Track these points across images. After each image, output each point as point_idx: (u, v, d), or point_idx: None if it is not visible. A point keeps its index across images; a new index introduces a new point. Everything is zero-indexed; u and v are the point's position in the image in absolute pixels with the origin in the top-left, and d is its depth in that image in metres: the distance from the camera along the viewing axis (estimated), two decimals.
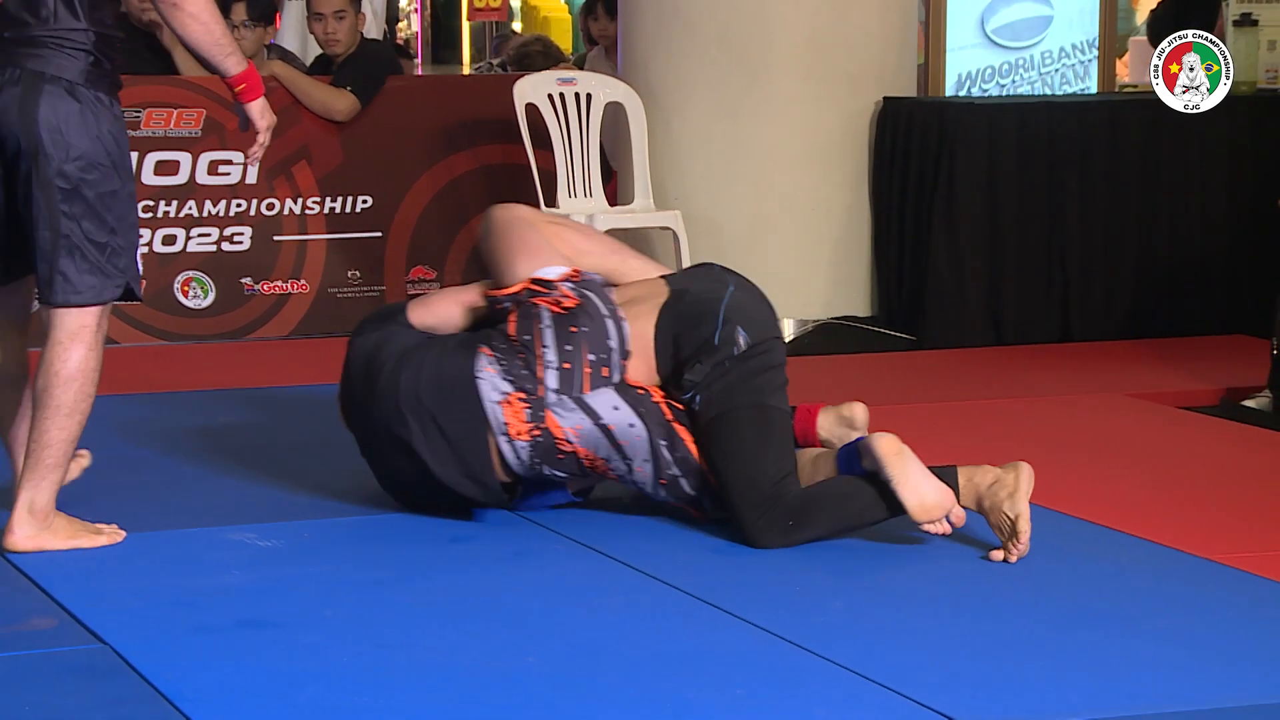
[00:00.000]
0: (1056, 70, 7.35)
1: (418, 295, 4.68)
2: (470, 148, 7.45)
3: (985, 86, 7.13)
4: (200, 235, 7.08)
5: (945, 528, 4.03)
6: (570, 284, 4.26)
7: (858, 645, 3.43)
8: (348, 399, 4.37)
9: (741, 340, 4.13)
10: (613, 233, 7.01)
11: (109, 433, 5.25)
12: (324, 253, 7.25)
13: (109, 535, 4.13)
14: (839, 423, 4.41)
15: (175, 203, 7.05)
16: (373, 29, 8.84)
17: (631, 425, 4.17)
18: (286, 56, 7.69)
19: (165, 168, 7.03)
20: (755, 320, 4.19)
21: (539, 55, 9.08)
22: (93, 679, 3.28)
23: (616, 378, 4.18)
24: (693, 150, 7.10)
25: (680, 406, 4.18)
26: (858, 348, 6.78)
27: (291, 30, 8.60)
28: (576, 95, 7.06)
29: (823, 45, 7.02)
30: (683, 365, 4.17)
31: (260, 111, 4.27)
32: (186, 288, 7.07)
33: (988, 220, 6.90)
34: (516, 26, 21.82)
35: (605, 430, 4.15)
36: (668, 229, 6.92)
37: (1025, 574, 3.91)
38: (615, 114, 7.17)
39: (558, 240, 4.40)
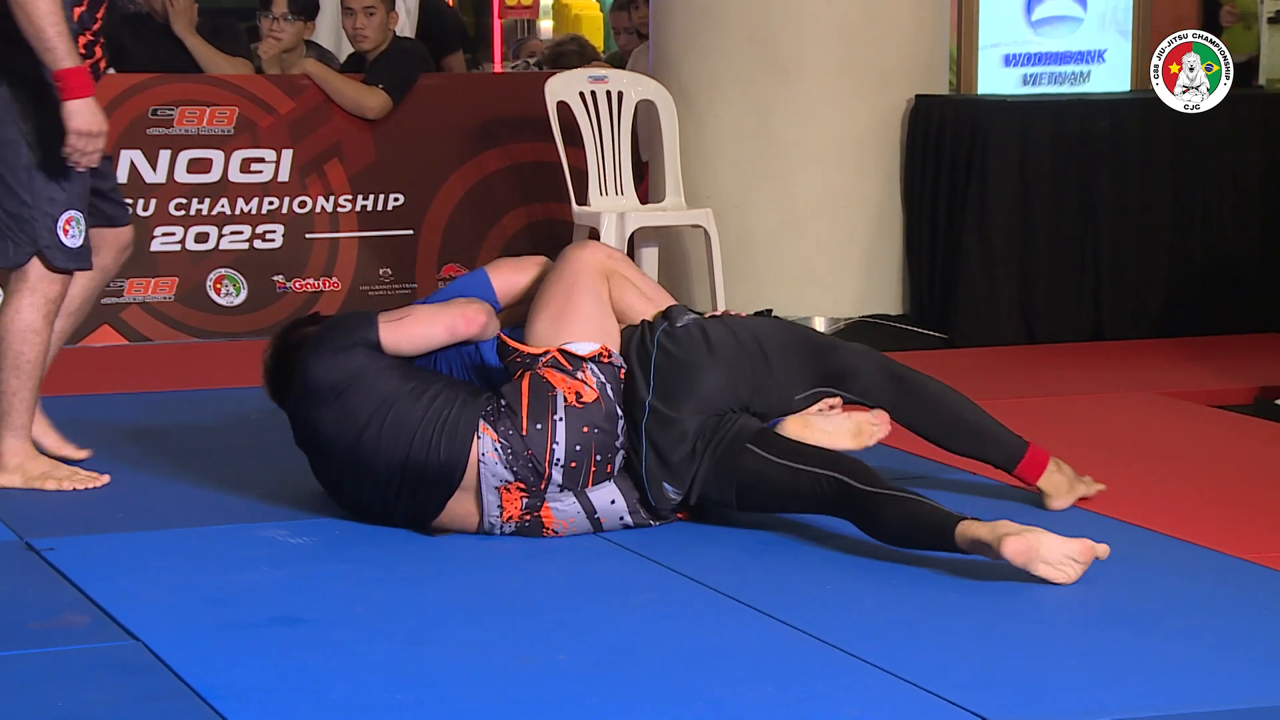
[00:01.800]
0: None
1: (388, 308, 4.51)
2: (502, 145, 7.45)
3: (1033, 70, 7.15)
4: (232, 233, 7.10)
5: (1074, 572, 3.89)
6: (595, 368, 4.11)
7: (889, 644, 3.42)
8: (309, 422, 4.15)
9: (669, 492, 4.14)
10: (644, 231, 7.04)
11: (142, 429, 5.27)
12: (356, 250, 7.26)
13: (80, 480, 4.44)
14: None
15: (208, 200, 7.07)
16: (405, 27, 8.83)
17: (622, 518, 4.17)
18: (324, 55, 7.71)
19: (198, 165, 7.05)
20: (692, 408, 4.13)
21: (574, 54, 9.09)
22: (125, 675, 3.29)
23: (615, 471, 4.15)
24: (724, 148, 7.10)
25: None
26: (889, 346, 6.75)
27: (326, 29, 8.61)
28: (608, 93, 7.06)
29: (854, 42, 7.00)
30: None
31: (74, 111, 4.32)
32: (219, 285, 7.09)
33: (1020, 218, 6.87)
34: (547, 24, 21.83)
35: (596, 522, 4.16)
36: (699, 227, 6.91)
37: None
38: (648, 112, 7.17)
39: (619, 295, 4.29)
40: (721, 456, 4.11)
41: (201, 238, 7.07)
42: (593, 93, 7.05)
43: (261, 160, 7.13)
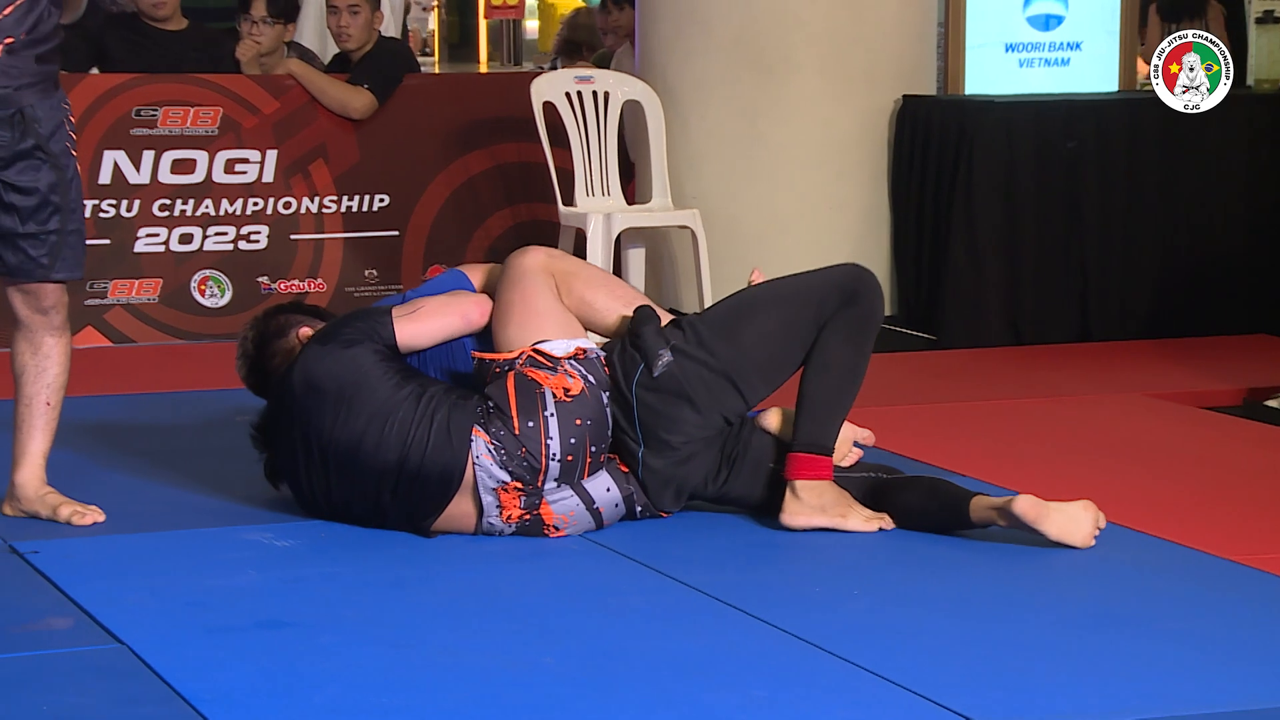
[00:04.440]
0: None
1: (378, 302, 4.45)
2: (487, 146, 7.44)
3: (1028, 55, 7.19)
4: (217, 234, 7.09)
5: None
6: (575, 364, 4.12)
7: (878, 646, 3.42)
8: (305, 419, 4.11)
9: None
10: (631, 232, 7.03)
11: (126, 431, 5.26)
12: (341, 251, 7.25)
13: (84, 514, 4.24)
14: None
15: (192, 201, 7.05)
16: (390, 27, 8.83)
17: (617, 505, 4.19)
18: (306, 55, 7.70)
19: (182, 166, 7.04)
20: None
21: (584, 29, 9.19)
22: (109, 679, 3.28)
23: (607, 460, 4.17)
24: (711, 149, 7.10)
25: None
26: (877, 347, 6.73)
27: (310, 30, 8.60)
28: (594, 94, 7.06)
29: (841, 43, 7.00)
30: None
31: None
32: (203, 286, 7.08)
33: (1007, 219, 6.88)
34: (533, 25, 21.83)
35: (595, 513, 4.16)
36: (686, 228, 6.91)
37: (1045, 575, 3.90)
38: (634, 112, 7.16)
39: (566, 291, 4.26)
40: (747, 474, 4.23)
41: (186, 239, 7.06)
42: (579, 93, 7.04)
43: (246, 161, 7.12)
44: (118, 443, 5.12)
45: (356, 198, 7.27)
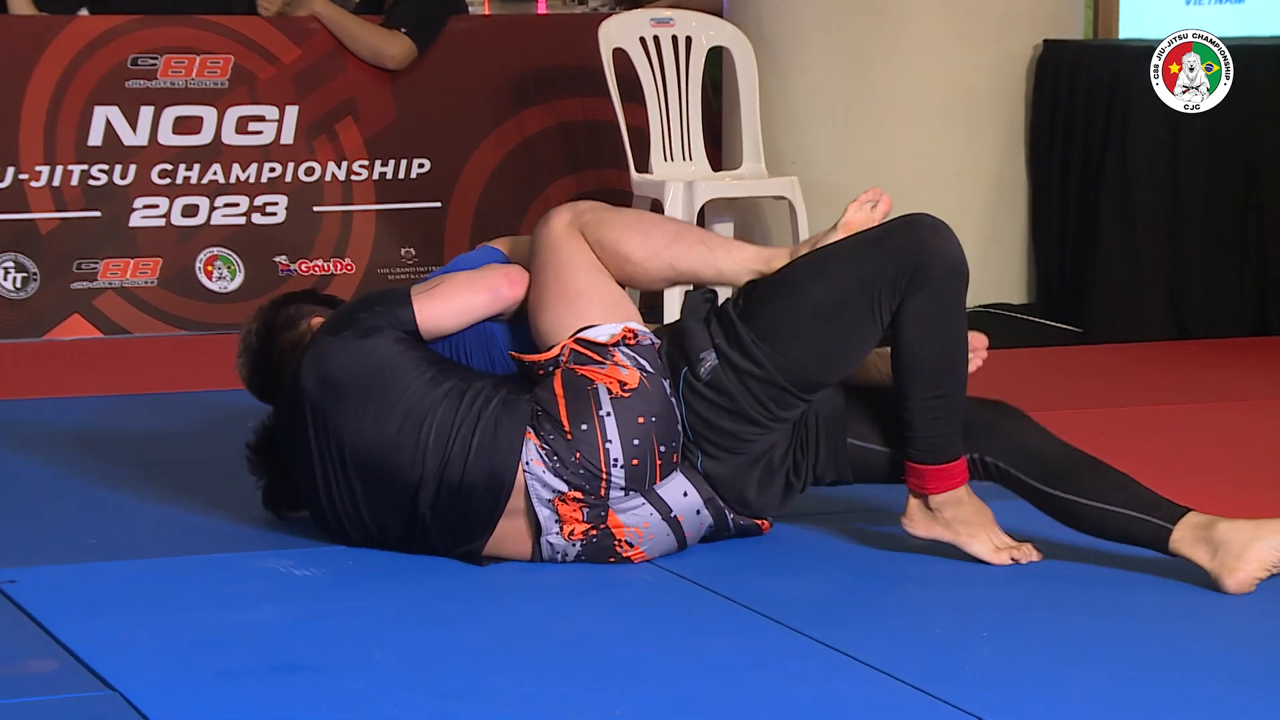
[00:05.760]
0: None
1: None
2: (547, 101, 7.47)
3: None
4: (227, 205, 7.14)
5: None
6: (626, 352, 4.12)
7: (1007, 697, 3.41)
8: (324, 422, 4.12)
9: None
10: (717, 203, 7.04)
11: (119, 438, 5.30)
12: (372, 226, 7.29)
13: None
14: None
15: (197, 167, 7.11)
16: None
17: (699, 513, 4.18)
18: None
19: (186, 125, 7.09)
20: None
21: None
22: None
23: (680, 458, 4.16)
24: (812, 105, 7.09)
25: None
26: (1011, 341, 6.74)
27: None
28: (674, 39, 7.07)
29: None
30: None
31: None
32: (210, 267, 7.13)
33: (1169, 189, 6.85)
34: None
35: (674, 523, 4.16)
36: (783, 198, 6.91)
37: (1220, 623, 3.88)
38: (722, 61, 7.17)
39: (599, 247, 4.23)
40: (827, 456, 4.23)
41: (190, 211, 7.11)
42: (655, 38, 7.05)
43: (261, 119, 7.17)
44: (108, 452, 5.16)
45: (391, 163, 7.31)
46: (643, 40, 7.05)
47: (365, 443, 4.11)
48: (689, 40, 7.10)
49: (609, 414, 4.06)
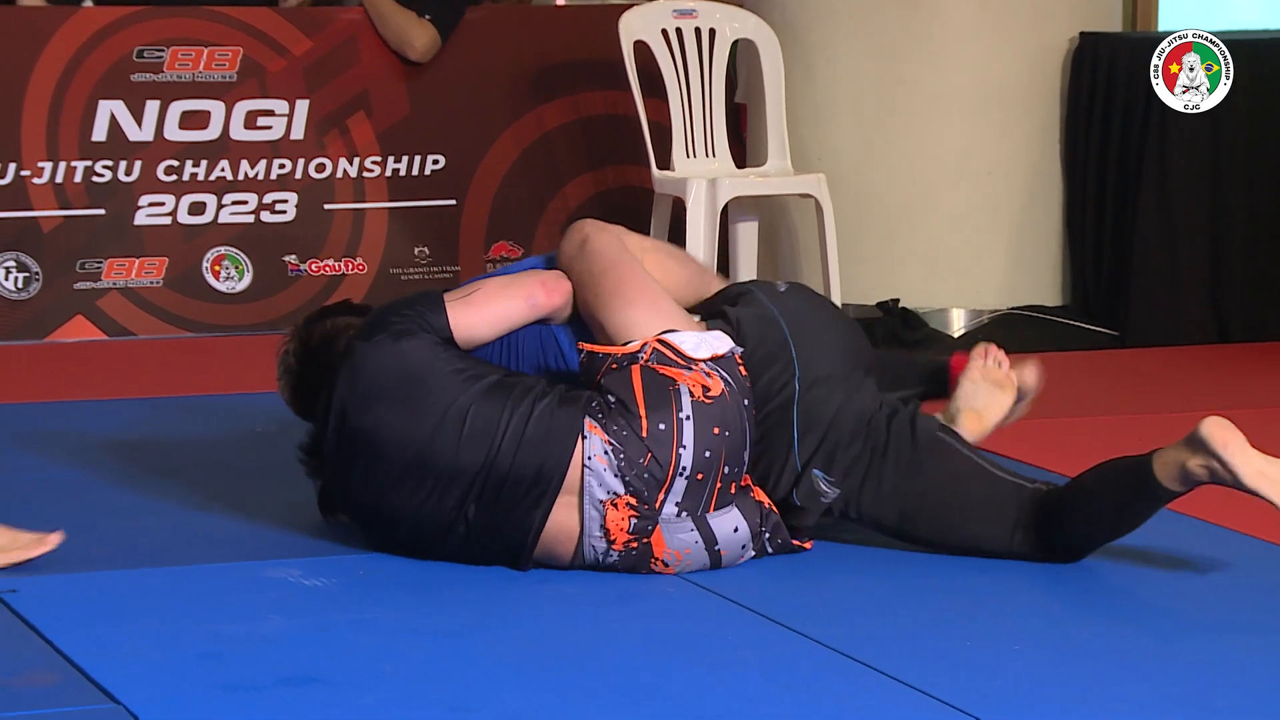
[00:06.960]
0: None
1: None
2: (565, 96, 7.47)
3: None
4: (235, 203, 7.14)
5: None
6: (713, 365, 4.12)
7: (1040, 716, 3.41)
8: (363, 430, 4.13)
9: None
10: (741, 201, 7.04)
11: (122, 443, 5.31)
12: (385, 224, 7.29)
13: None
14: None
15: (205, 163, 7.11)
16: None
17: (745, 548, 4.19)
18: None
19: (193, 120, 7.10)
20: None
21: None
22: None
23: (738, 490, 4.16)
24: (840, 99, 7.09)
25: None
26: (1046, 345, 6.74)
27: None
28: (697, 31, 7.06)
29: None
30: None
31: None
32: (218, 267, 7.14)
33: (1210, 186, 6.84)
34: None
35: (715, 555, 4.16)
36: (809, 196, 6.91)
37: (1266, 638, 3.87)
38: (746, 54, 7.16)
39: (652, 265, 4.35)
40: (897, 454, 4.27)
41: (196, 209, 7.12)
42: (678, 30, 7.05)
43: (271, 113, 7.17)
44: (112, 458, 5.16)
45: (405, 159, 7.31)
46: (665, 32, 7.05)
47: (406, 441, 4.11)
48: (712, 32, 7.09)
49: (688, 417, 4.05)
